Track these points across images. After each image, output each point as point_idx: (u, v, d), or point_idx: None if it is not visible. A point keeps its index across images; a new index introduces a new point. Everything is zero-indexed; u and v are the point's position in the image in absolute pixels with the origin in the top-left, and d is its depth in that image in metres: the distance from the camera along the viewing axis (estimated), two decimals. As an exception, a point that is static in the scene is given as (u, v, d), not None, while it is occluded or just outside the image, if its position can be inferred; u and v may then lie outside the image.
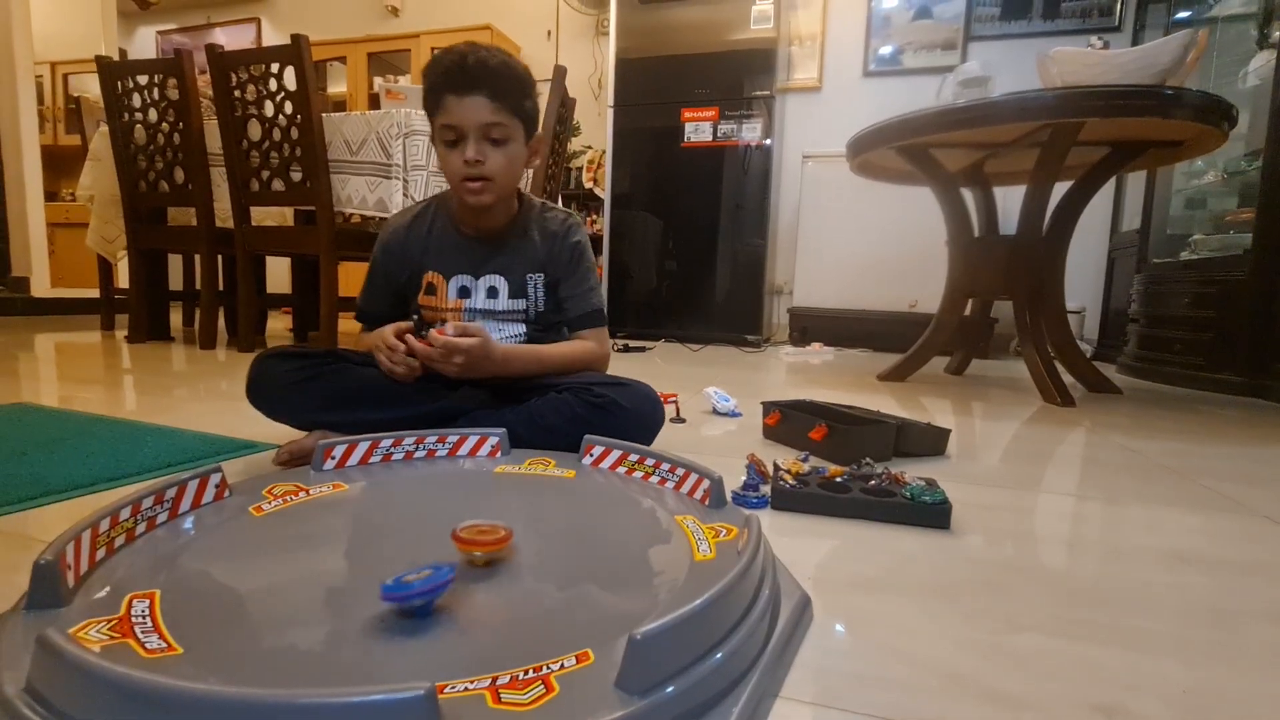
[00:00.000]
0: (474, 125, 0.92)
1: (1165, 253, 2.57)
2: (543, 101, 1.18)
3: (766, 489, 0.85)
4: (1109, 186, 2.83)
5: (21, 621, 0.41)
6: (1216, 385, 2.10)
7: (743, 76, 3.15)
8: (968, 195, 2.15)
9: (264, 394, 0.94)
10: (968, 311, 2.19)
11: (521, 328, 1.05)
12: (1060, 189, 1.87)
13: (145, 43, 5.25)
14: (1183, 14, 2.69)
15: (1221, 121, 1.60)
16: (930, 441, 1.14)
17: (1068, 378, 1.90)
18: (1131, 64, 1.61)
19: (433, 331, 0.90)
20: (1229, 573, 0.69)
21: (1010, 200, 2.14)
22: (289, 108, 2.01)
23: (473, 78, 0.91)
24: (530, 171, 2.12)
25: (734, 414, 1.43)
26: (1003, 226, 2.18)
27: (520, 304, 1.04)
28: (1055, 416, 1.59)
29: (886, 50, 3.49)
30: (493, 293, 1.03)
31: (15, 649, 0.38)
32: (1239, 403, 1.94)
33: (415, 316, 0.93)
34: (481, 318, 1.03)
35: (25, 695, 0.34)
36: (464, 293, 1.03)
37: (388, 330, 0.94)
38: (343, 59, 4.33)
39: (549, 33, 4.17)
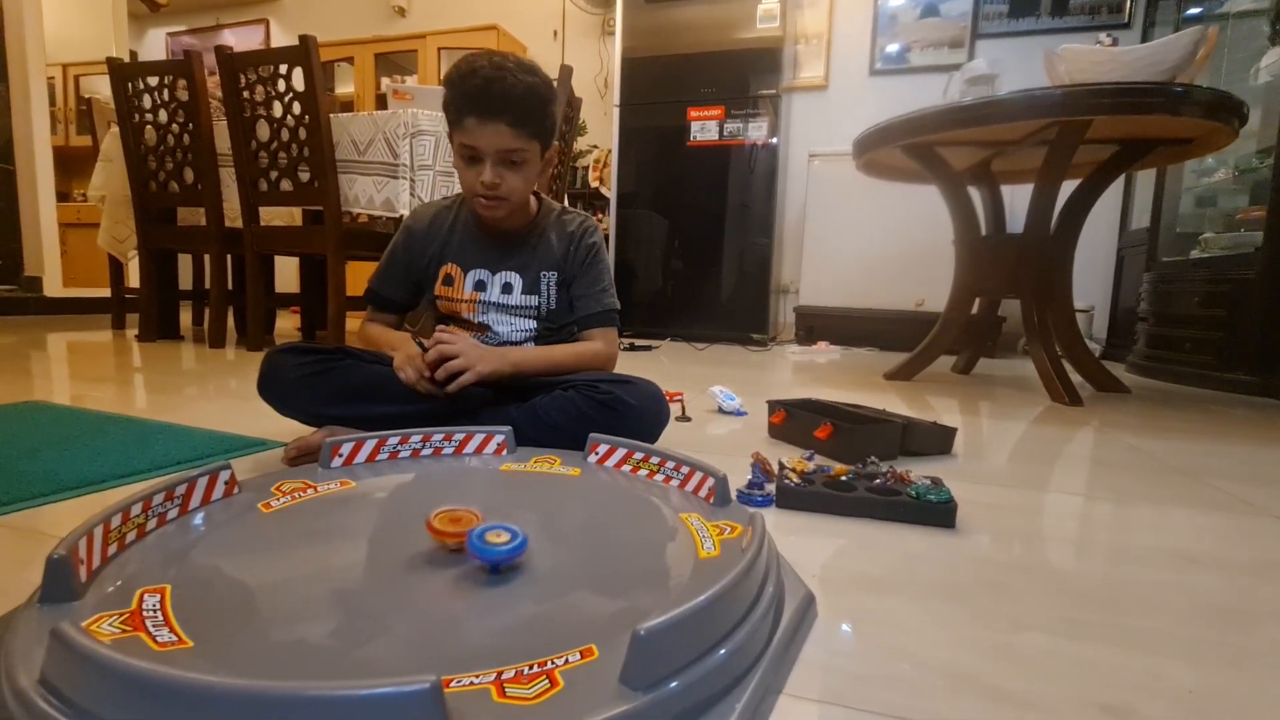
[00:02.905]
0: (493, 150, 0.94)
1: (1175, 251, 2.55)
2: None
3: (771, 487, 0.85)
4: (1118, 184, 2.80)
5: (35, 615, 0.42)
6: (1227, 385, 2.08)
7: (748, 75, 3.15)
8: (975, 194, 2.14)
9: (274, 387, 0.95)
10: (975, 310, 2.18)
11: (532, 324, 1.07)
12: (1068, 187, 1.86)
13: (155, 44, 5.29)
14: (1193, 10, 2.67)
15: (1232, 119, 1.58)
16: (936, 440, 1.14)
17: (1076, 377, 1.89)
18: (1140, 61, 1.60)
19: (427, 346, 0.92)
20: (1238, 573, 0.68)
21: (1018, 199, 2.13)
22: (297, 108, 2.03)
23: (496, 105, 0.91)
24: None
25: (739, 413, 1.43)
26: (1010, 225, 2.17)
27: (533, 300, 1.07)
28: (1063, 416, 1.58)
29: (893, 48, 3.48)
30: (507, 288, 1.06)
31: (29, 642, 0.38)
32: (1249, 402, 1.92)
33: (422, 344, 0.95)
34: (495, 311, 1.06)
35: (39, 687, 0.35)
36: (480, 286, 1.06)
37: (413, 347, 0.95)
38: (350, 60, 4.35)
39: (555, 32, 4.18)
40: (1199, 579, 0.66)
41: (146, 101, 2.26)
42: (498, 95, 0.91)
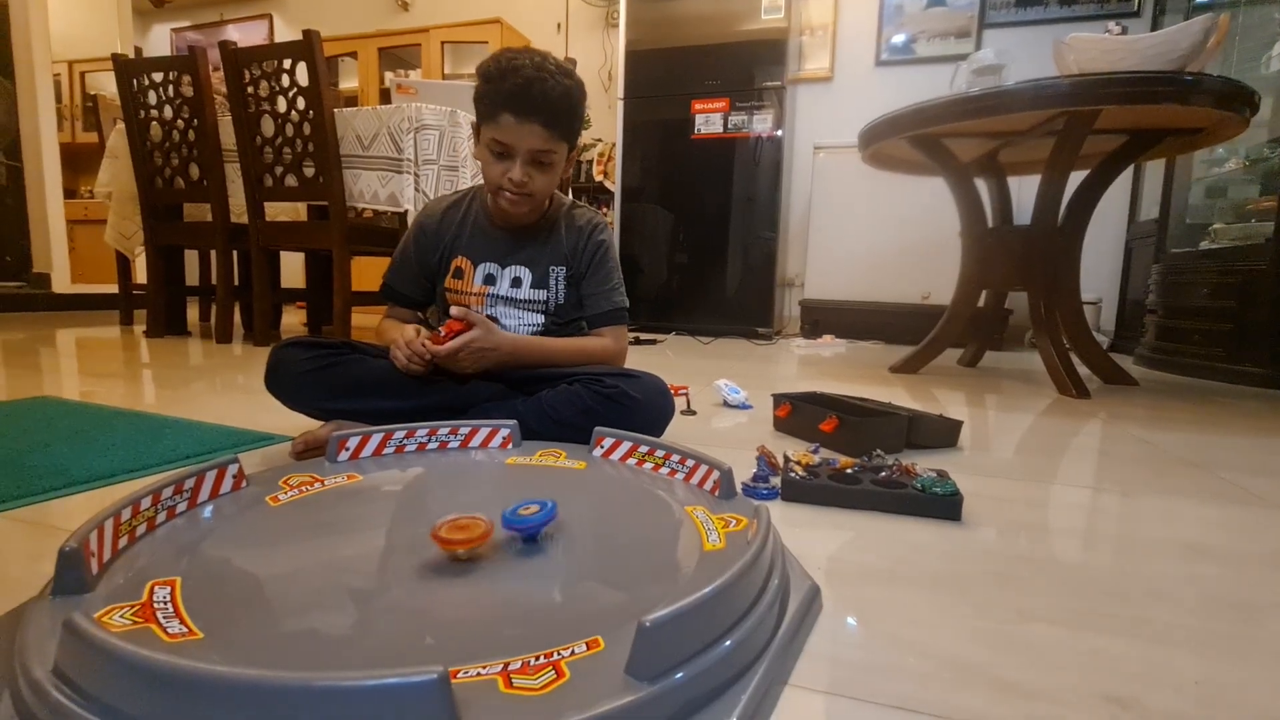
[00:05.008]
0: (525, 149, 0.95)
1: (1184, 242, 2.53)
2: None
3: (777, 480, 0.85)
4: (1126, 175, 2.78)
5: (48, 607, 0.42)
6: (1236, 376, 2.07)
7: (753, 67, 3.13)
8: (981, 185, 2.13)
9: (281, 382, 0.95)
10: (981, 303, 2.17)
11: (540, 318, 1.08)
12: (1076, 178, 1.84)
13: (160, 40, 5.30)
14: (1204, -2, 2.64)
15: (1243, 108, 1.57)
16: (942, 433, 1.13)
17: (1083, 370, 1.88)
18: (1150, 50, 1.58)
19: (430, 345, 0.92)
20: (1245, 565, 0.68)
21: (1025, 190, 2.12)
22: (301, 103, 2.03)
23: (535, 106, 0.92)
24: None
25: (744, 406, 1.43)
26: (1017, 217, 2.16)
27: (541, 294, 1.07)
28: (1070, 409, 1.58)
29: (899, 39, 3.45)
30: (516, 282, 1.07)
31: (42, 633, 0.39)
32: (1259, 394, 1.91)
33: (424, 326, 0.96)
34: (504, 304, 1.07)
35: (53, 677, 0.35)
36: (489, 280, 1.07)
37: (409, 329, 0.97)
38: (354, 54, 4.34)
39: (559, 25, 4.16)
40: (1206, 570, 0.66)
41: (152, 98, 2.27)
42: (537, 96, 0.91)
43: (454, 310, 0.95)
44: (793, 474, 0.83)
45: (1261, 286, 1.99)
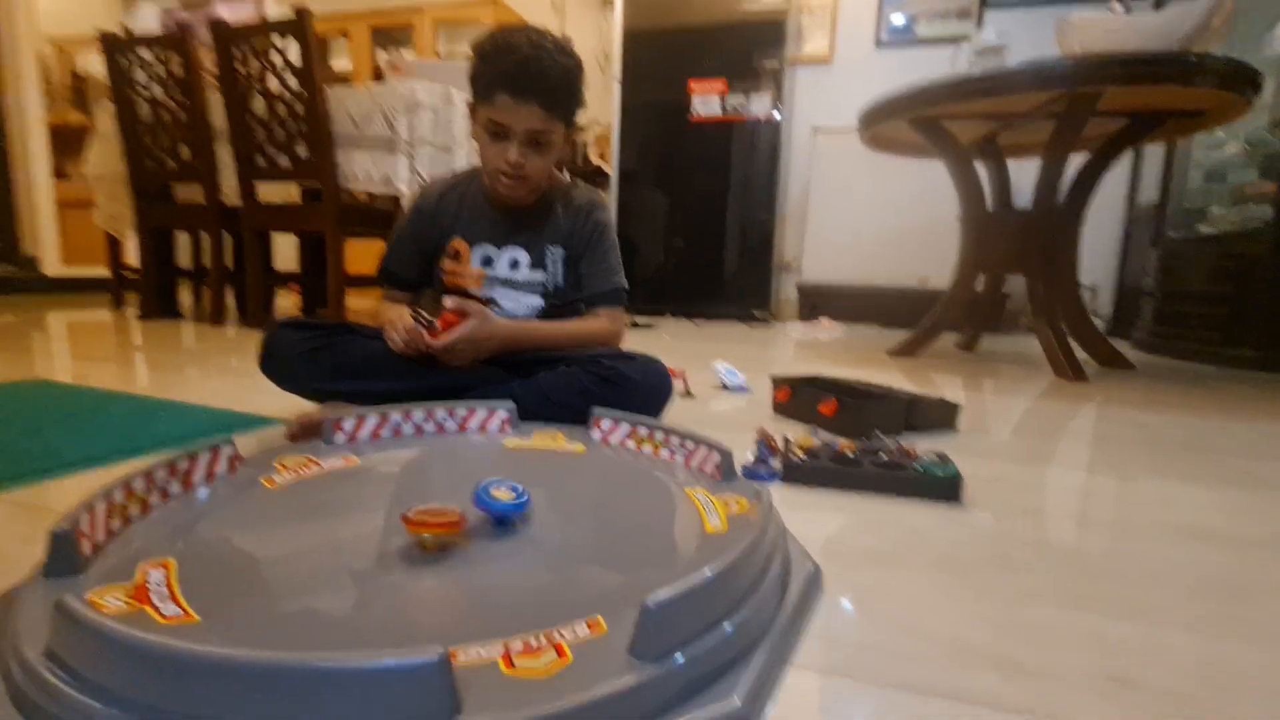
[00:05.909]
0: (522, 130, 0.93)
1: (1183, 226, 2.52)
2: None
3: (777, 463, 0.84)
4: (1126, 158, 2.77)
5: (40, 589, 0.42)
6: (1233, 361, 2.08)
7: (752, 49, 3.09)
8: (981, 168, 2.11)
9: (275, 363, 0.94)
10: (979, 287, 2.16)
11: (539, 300, 1.06)
12: (1077, 161, 1.83)
13: (149, 19, 5.18)
14: (1208, -22, 2.60)
15: (1246, 88, 1.55)
16: (941, 416, 1.13)
17: (1081, 353, 1.88)
18: (1153, 29, 1.57)
19: (429, 338, 0.91)
20: (1243, 547, 0.68)
21: (1024, 174, 2.10)
22: (293, 82, 1.99)
23: (532, 86, 0.90)
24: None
25: (743, 389, 1.42)
26: (1016, 200, 2.14)
27: (539, 275, 1.06)
28: (1067, 392, 1.58)
29: (899, 20, 3.40)
30: (514, 264, 1.06)
31: (35, 615, 0.38)
32: (1256, 378, 1.91)
33: (422, 319, 0.94)
34: (501, 286, 1.05)
35: (46, 659, 0.35)
36: (487, 261, 1.05)
37: (407, 314, 0.95)
38: (345, 34, 4.26)
39: (553, 4, 4.10)
40: (1205, 553, 0.66)
41: (140, 76, 2.23)
42: (535, 75, 0.90)
43: (448, 302, 0.93)
44: (793, 456, 0.83)
45: (1259, 271, 1.99)
